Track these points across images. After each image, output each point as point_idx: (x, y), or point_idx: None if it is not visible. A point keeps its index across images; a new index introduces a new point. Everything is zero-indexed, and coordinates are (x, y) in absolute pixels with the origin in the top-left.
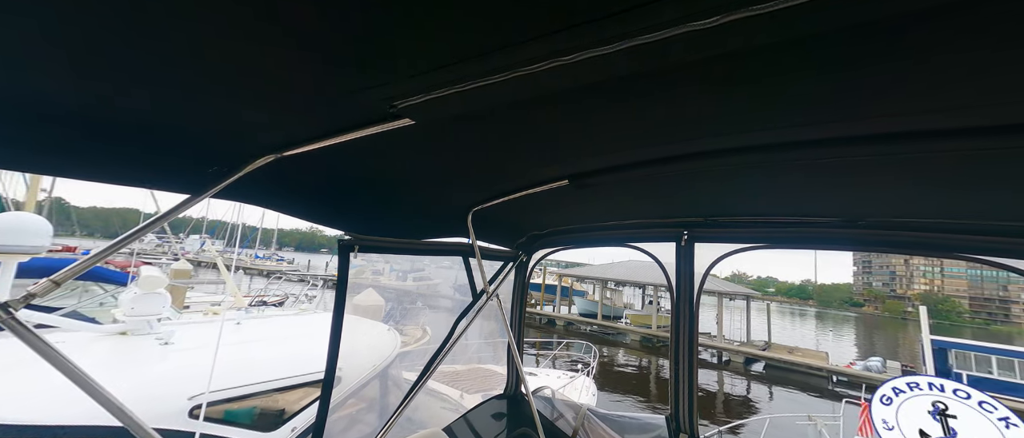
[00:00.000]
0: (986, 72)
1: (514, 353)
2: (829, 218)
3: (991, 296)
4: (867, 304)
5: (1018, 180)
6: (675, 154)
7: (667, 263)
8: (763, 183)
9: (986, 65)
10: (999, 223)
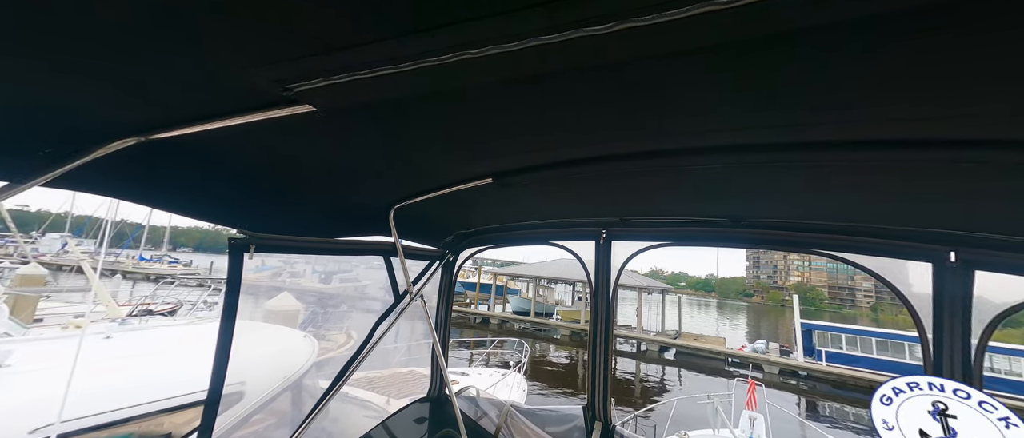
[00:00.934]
0: (832, 93)
1: (438, 354)
2: (719, 218)
3: (843, 285)
4: (756, 294)
5: (859, 187)
6: (590, 156)
7: (588, 260)
8: (668, 186)
9: (832, 88)
10: (842, 223)
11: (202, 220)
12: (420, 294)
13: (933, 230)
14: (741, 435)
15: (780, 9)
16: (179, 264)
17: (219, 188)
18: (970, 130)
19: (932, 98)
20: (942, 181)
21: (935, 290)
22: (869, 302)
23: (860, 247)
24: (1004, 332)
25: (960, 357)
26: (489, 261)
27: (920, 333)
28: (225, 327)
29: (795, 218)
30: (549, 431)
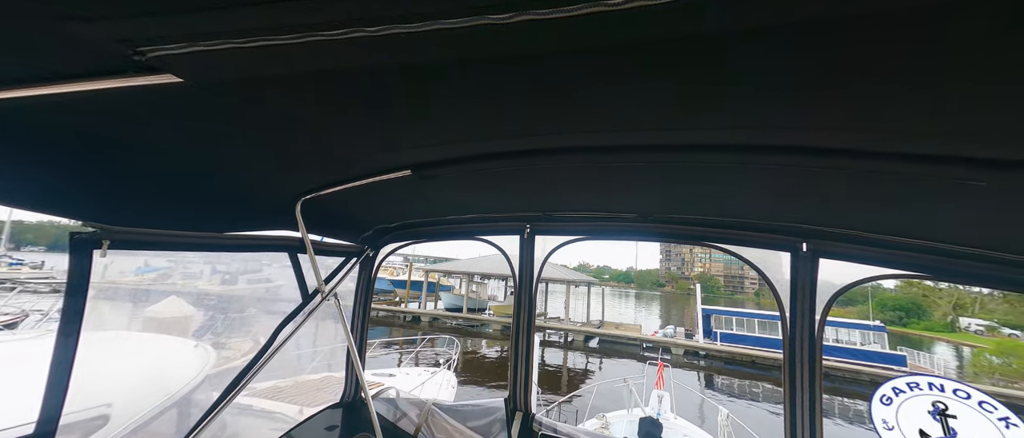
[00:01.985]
0: (717, 100)
1: (354, 356)
2: (630, 214)
3: (734, 274)
4: (667, 285)
5: (740, 187)
6: (510, 150)
7: (513, 255)
8: (586, 182)
9: (717, 95)
10: (728, 219)
11: (38, 212)
12: (334, 293)
13: (791, 224)
14: (650, 412)
15: (663, 15)
16: (24, 266)
17: (57, 172)
18: (823, 139)
19: (797, 109)
20: (800, 182)
21: (791, 276)
22: (754, 288)
23: (740, 240)
24: (842, 309)
25: (808, 330)
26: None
27: (780, 311)
28: (64, 342)
29: (692, 214)
30: (471, 426)
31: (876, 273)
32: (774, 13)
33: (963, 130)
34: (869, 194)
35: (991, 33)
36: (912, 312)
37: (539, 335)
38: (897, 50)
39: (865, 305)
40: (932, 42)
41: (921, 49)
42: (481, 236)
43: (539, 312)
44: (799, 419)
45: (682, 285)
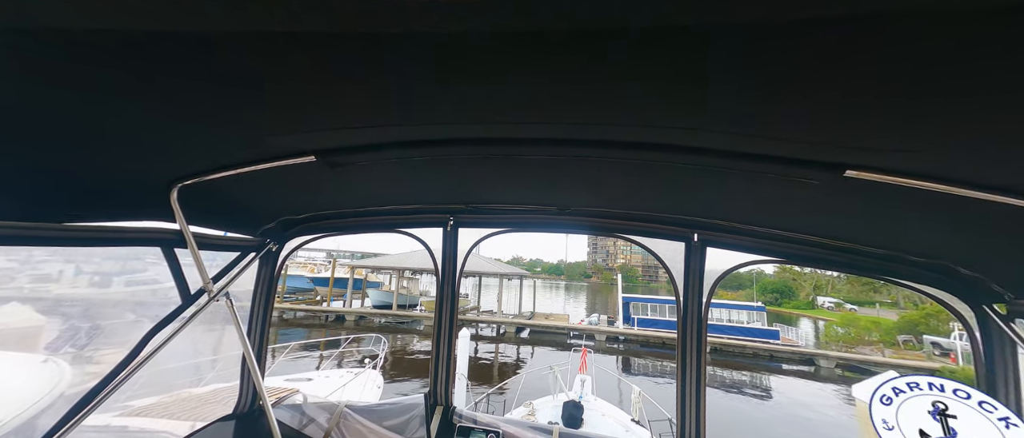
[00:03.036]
0: (616, 98)
1: (250, 362)
2: (549, 206)
3: (651, 264)
4: (594, 276)
5: (645, 181)
6: (425, 138)
7: (437, 247)
8: (508, 174)
9: (616, 94)
10: (635, 211)
11: None
12: (225, 293)
13: (685, 217)
14: (573, 396)
15: (565, 6)
16: None
17: None
18: (708, 140)
19: (685, 111)
20: (693, 179)
21: (685, 263)
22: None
23: (645, 231)
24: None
25: (697, 311)
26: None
27: (676, 295)
28: None
29: (604, 206)
30: (389, 424)
31: (748, 260)
32: (652, 15)
33: (801, 137)
34: (742, 190)
35: (819, 58)
36: (784, 294)
37: (471, 329)
38: (759, 60)
39: (751, 289)
40: (779, 59)
41: (771, 66)
42: (402, 229)
43: (472, 306)
44: (688, 388)
45: (606, 276)
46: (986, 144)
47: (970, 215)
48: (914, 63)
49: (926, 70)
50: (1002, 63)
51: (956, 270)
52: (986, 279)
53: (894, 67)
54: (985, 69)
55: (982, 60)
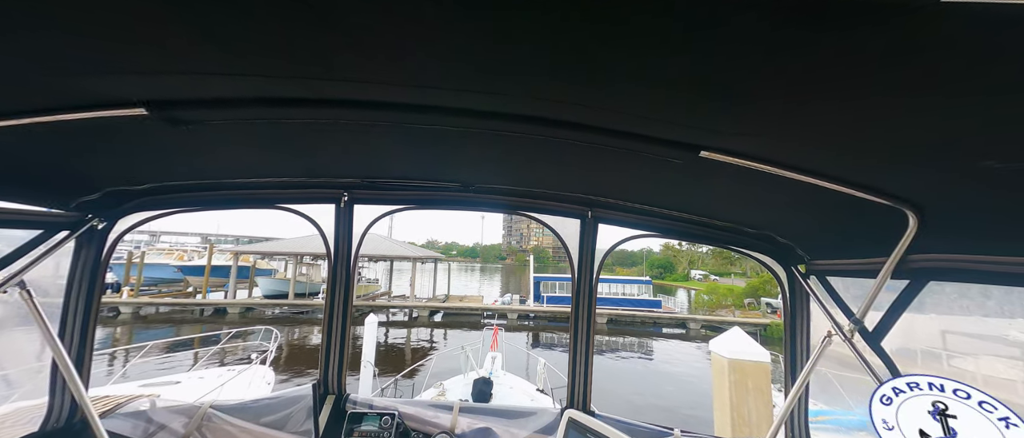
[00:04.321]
0: (519, 66)
1: (65, 369)
2: (452, 183)
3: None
4: (508, 257)
5: (545, 159)
6: (296, 96)
7: (327, 226)
8: (406, 146)
9: (517, 62)
10: (538, 190)
11: None
12: (18, 282)
13: (581, 195)
14: (484, 373)
15: None
16: None
17: None
18: (588, 117)
19: (569, 84)
20: (584, 157)
21: (580, 239)
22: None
23: (545, 209)
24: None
25: (588, 283)
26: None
27: (571, 270)
28: None
29: (507, 184)
30: (267, 421)
31: (632, 234)
32: None
33: (664, 118)
34: (624, 169)
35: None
36: (667, 269)
37: (381, 315)
38: (625, 43)
39: (642, 266)
40: (641, 44)
41: (635, 50)
42: (285, 205)
43: (382, 291)
44: (578, 353)
45: (520, 257)
46: (800, 134)
47: (785, 194)
48: (749, 59)
49: (759, 67)
50: (815, 66)
51: (775, 239)
52: (794, 246)
53: (735, 62)
54: (797, 72)
55: (802, 61)
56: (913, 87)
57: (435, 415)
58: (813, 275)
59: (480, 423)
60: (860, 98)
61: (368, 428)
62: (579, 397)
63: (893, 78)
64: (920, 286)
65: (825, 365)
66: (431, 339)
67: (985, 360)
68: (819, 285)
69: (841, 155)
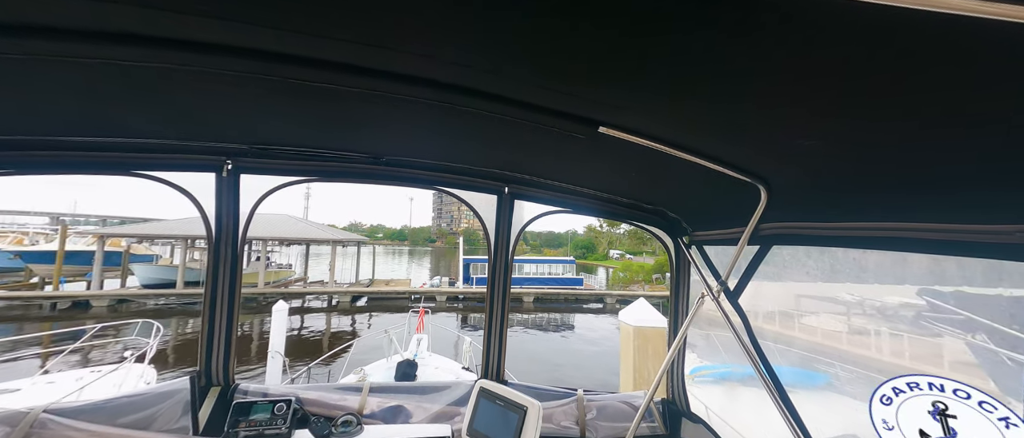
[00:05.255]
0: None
1: None
2: (361, 154)
3: None
4: (438, 240)
5: (462, 131)
6: (158, 35)
7: (206, 200)
8: (302, 108)
9: None
10: (449, 164)
11: None
12: None
13: (498, 170)
14: (409, 355)
15: None
16: None
17: None
18: (494, 85)
19: (490, 55)
20: (502, 132)
21: (497, 216)
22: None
23: (465, 184)
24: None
25: (504, 258)
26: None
27: (488, 247)
28: None
29: (423, 157)
30: (126, 421)
31: (546, 210)
32: None
33: (567, 91)
34: (537, 143)
35: None
36: (589, 249)
37: (296, 302)
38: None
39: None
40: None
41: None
42: (144, 172)
43: (296, 278)
44: (494, 327)
45: (450, 239)
46: (683, 115)
47: (673, 172)
48: (640, 40)
49: (647, 49)
50: (710, 56)
51: (667, 214)
52: (681, 219)
53: (628, 41)
54: (679, 55)
55: (683, 44)
56: (757, 75)
57: (342, 398)
58: (694, 245)
59: (392, 402)
60: (722, 83)
61: (259, 417)
62: (494, 368)
63: (742, 65)
64: (767, 250)
65: (709, 329)
66: (354, 325)
67: (824, 317)
68: (698, 254)
69: (713, 135)
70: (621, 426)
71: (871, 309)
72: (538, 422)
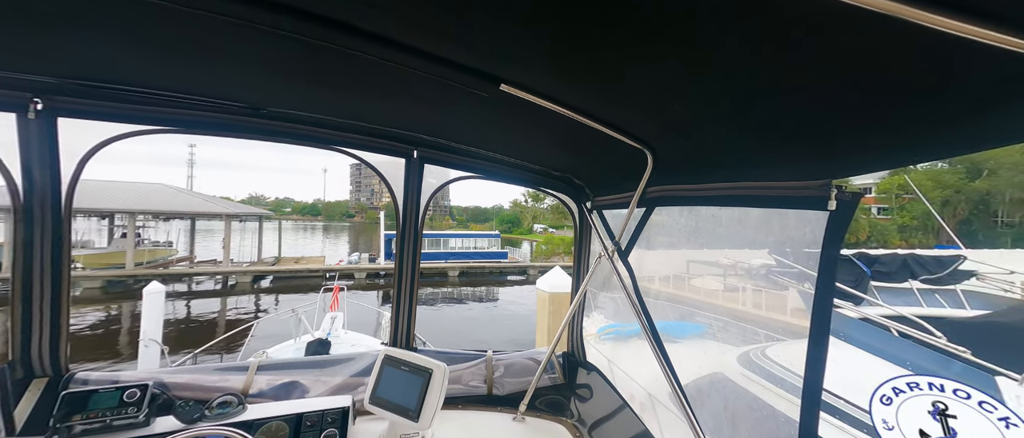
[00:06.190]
0: None
1: None
2: (236, 103)
3: None
4: (357, 215)
5: (365, 83)
6: None
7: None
8: (140, 40)
9: None
10: (355, 122)
11: None
12: None
13: (406, 132)
14: (321, 334)
15: None
16: None
17: None
18: (389, 28)
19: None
20: (407, 88)
21: (405, 180)
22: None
23: (363, 144)
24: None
25: (413, 225)
26: None
27: (396, 214)
28: None
29: (321, 113)
30: None
31: (456, 176)
32: None
33: (468, 44)
34: (444, 101)
35: None
36: (515, 223)
37: (180, 284)
38: None
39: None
40: None
41: None
42: None
43: (179, 257)
44: (403, 296)
45: (371, 214)
46: (582, 77)
47: (578, 138)
48: None
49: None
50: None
51: (573, 180)
52: (585, 186)
53: None
54: (578, 17)
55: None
56: (639, 42)
57: (222, 379)
58: (595, 210)
59: (285, 378)
60: (619, 49)
61: (101, 407)
62: (403, 336)
63: (630, 31)
64: (651, 212)
65: (620, 293)
66: (257, 307)
67: (707, 278)
68: (598, 218)
69: (605, 100)
70: (525, 380)
71: (741, 270)
72: (443, 383)
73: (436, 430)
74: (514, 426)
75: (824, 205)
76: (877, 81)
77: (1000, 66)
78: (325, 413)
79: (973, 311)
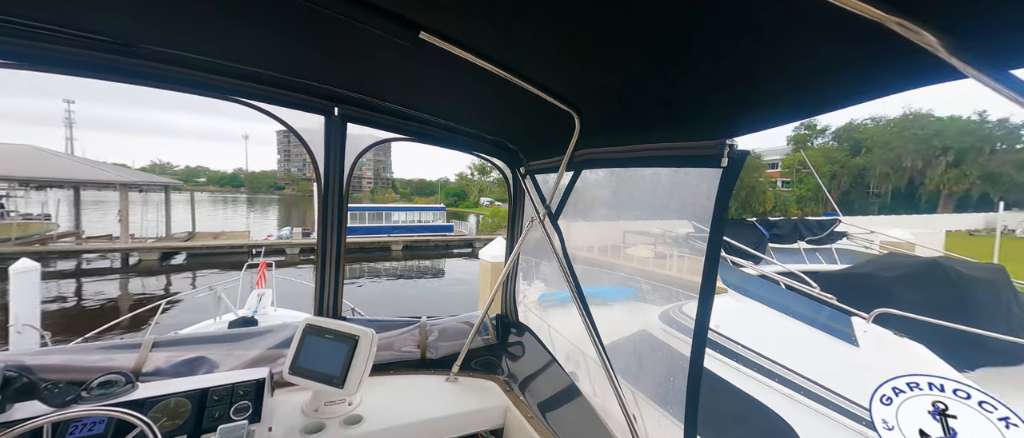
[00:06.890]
0: None
1: None
2: (99, 36)
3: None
4: (287, 187)
5: (283, 29)
6: None
7: None
8: None
9: None
10: (267, 73)
11: None
12: None
13: (326, 87)
14: (245, 312)
15: None
16: None
17: None
18: None
19: None
20: (321, 34)
21: (325, 139)
22: (370, 186)
23: (274, 98)
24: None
25: (337, 188)
26: None
27: (317, 177)
28: None
29: (218, 58)
30: None
31: (383, 137)
32: None
33: None
34: (363, 54)
35: None
36: (461, 197)
37: (65, 263)
38: None
39: (439, 194)
40: None
41: None
42: None
43: (61, 231)
44: (328, 264)
45: (304, 186)
46: (508, 30)
47: (509, 100)
48: None
49: None
50: None
51: (506, 145)
52: (518, 150)
53: None
54: None
55: None
56: None
57: (107, 358)
58: (528, 175)
59: (187, 354)
60: (543, 6)
61: None
62: (329, 306)
63: None
64: (578, 175)
65: (552, 260)
66: (167, 287)
67: (640, 248)
68: (531, 182)
69: (536, 59)
70: (459, 343)
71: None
72: (371, 349)
73: (364, 395)
74: (446, 386)
75: (718, 163)
76: (761, 45)
77: (863, 28)
78: (236, 386)
79: (841, 265)
